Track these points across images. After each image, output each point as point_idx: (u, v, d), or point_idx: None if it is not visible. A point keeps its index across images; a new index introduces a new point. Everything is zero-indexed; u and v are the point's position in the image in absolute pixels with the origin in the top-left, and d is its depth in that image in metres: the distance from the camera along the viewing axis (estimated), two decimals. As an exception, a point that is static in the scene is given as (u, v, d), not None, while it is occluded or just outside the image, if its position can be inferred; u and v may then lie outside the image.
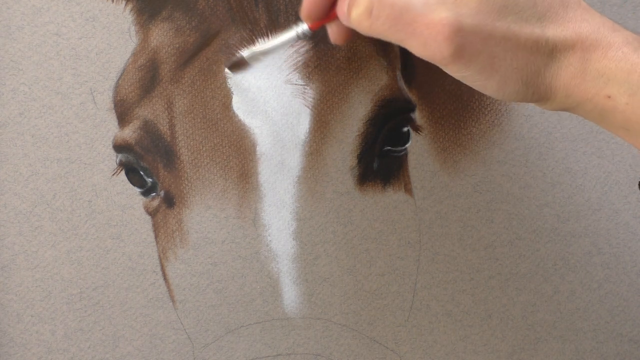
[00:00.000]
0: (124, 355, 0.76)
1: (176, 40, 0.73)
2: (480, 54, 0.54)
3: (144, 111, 0.74)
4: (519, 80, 0.55)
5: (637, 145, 0.55)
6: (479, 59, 0.54)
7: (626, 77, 0.53)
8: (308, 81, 0.73)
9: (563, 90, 0.55)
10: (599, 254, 0.79)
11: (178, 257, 0.75)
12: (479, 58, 0.54)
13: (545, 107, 0.57)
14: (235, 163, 0.74)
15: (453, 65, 0.54)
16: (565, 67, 0.54)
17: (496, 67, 0.54)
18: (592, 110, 0.55)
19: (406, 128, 0.76)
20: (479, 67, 0.54)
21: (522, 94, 0.55)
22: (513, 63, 0.54)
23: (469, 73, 0.54)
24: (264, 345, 0.76)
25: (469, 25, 0.53)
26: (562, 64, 0.55)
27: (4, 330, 0.75)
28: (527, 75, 0.55)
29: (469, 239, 0.78)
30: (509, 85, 0.55)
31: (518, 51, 0.54)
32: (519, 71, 0.54)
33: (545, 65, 0.54)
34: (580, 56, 0.54)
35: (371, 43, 0.74)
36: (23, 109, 0.74)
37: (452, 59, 0.54)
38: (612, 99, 0.54)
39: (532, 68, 0.54)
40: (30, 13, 0.73)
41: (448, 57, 0.54)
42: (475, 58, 0.54)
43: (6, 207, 0.74)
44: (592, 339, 0.79)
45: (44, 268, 0.75)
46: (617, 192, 0.79)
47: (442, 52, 0.53)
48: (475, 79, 0.55)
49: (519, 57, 0.54)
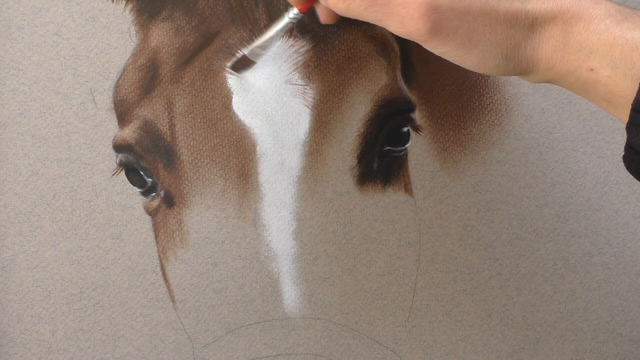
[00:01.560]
0: (124, 355, 0.76)
1: (176, 40, 0.73)
2: (458, 29, 0.54)
3: (144, 111, 0.74)
4: (499, 54, 0.55)
5: (619, 117, 0.56)
6: (457, 35, 0.54)
7: (608, 50, 0.53)
8: (308, 81, 0.73)
9: (545, 63, 0.55)
10: (599, 254, 0.79)
11: (178, 257, 0.75)
12: (457, 33, 0.54)
13: (528, 79, 0.57)
14: (235, 163, 0.74)
15: (431, 42, 0.54)
16: (547, 40, 0.54)
17: (475, 42, 0.54)
18: (575, 83, 0.55)
19: (406, 128, 0.76)
20: (458, 43, 0.54)
21: (503, 68, 0.55)
22: (492, 37, 0.54)
23: (448, 48, 0.54)
24: (264, 345, 0.76)
25: (445, 2, 0.53)
26: (543, 37, 0.54)
27: (4, 330, 0.75)
28: (507, 49, 0.55)
29: (469, 239, 0.78)
30: (489, 60, 0.55)
31: (497, 25, 0.54)
32: (498, 45, 0.54)
33: (525, 38, 0.54)
34: (562, 28, 0.54)
35: (371, 43, 0.74)
36: (23, 109, 0.74)
37: (429, 36, 0.54)
38: (594, 71, 0.54)
39: (512, 42, 0.54)
40: (30, 13, 0.73)
41: (425, 34, 0.54)
42: (453, 34, 0.54)
43: (6, 207, 0.74)
44: (592, 339, 0.79)
45: (44, 268, 0.75)
46: (617, 192, 0.79)
47: (419, 30, 0.54)
48: (455, 54, 0.55)
49: (498, 32, 0.54)
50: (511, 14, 0.54)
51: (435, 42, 0.54)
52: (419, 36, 0.54)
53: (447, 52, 0.55)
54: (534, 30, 0.54)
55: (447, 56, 0.55)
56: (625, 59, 0.52)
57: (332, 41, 0.74)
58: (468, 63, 0.55)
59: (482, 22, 0.54)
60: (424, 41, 0.55)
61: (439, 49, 0.55)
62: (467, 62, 0.55)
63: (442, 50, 0.55)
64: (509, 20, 0.54)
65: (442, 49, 0.55)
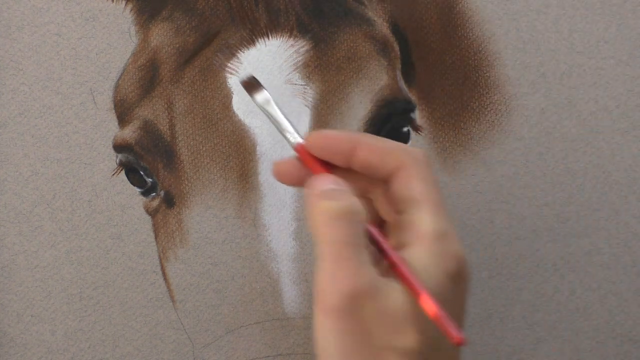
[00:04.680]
0: (124, 355, 0.76)
1: (176, 40, 0.73)
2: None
3: (144, 111, 0.74)
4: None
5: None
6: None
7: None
8: (308, 81, 0.73)
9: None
10: (599, 254, 0.79)
11: (178, 257, 0.75)
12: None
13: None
14: (235, 163, 0.74)
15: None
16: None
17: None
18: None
19: (406, 128, 0.76)
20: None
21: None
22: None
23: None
24: (264, 345, 0.76)
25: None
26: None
27: (4, 330, 0.75)
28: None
29: (469, 239, 0.78)
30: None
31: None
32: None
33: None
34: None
35: (371, 43, 0.74)
36: (23, 109, 0.74)
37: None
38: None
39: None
40: (30, 13, 0.73)
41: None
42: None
43: (6, 207, 0.74)
44: (592, 339, 0.79)
45: (44, 268, 0.75)
46: (617, 192, 0.79)
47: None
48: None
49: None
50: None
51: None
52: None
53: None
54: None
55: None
56: None
57: (332, 41, 0.74)
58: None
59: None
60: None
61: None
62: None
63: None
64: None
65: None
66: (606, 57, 0.78)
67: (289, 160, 0.60)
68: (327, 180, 0.55)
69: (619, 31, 0.78)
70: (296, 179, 0.59)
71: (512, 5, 0.77)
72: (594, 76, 0.78)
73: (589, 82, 0.78)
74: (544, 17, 0.77)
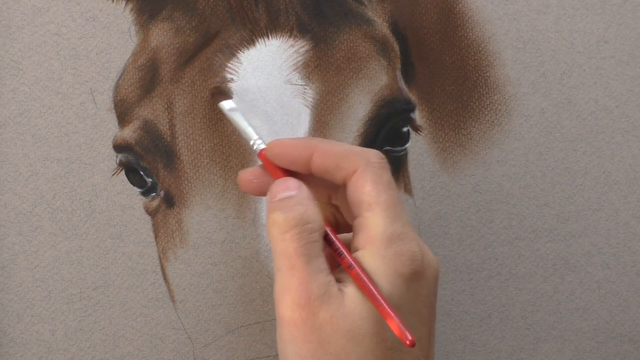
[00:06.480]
0: (124, 355, 0.76)
1: (176, 40, 0.73)
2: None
3: (144, 111, 0.74)
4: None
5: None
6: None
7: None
8: (308, 81, 0.73)
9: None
10: (599, 254, 0.79)
11: (178, 257, 0.75)
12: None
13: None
14: (235, 163, 0.74)
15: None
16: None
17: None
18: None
19: (406, 128, 0.76)
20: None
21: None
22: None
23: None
24: (264, 345, 0.76)
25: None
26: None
27: (4, 330, 0.75)
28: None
29: (469, 239, 0.78)
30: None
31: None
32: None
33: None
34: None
35: (371, 43, 0.74)
36: (23, 109, 0.74)
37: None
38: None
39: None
40: (30, 13, 0.73)
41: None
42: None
43: (6, 207, 0.74)
44: (592, 339, 0.79)
45: (44, 268, 0.75)
46: (617, 192, 0.79)
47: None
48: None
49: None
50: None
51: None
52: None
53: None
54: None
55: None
56: None
57: (332, 41, 0.74)
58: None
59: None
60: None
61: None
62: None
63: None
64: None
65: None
66: (606, 57, 0.78)
67: (254, 169, 0.61)
68: (284, 186, 0.56)
69: (619, 31, 0.78)
70: (259, 188, 0.60)
71: (512, 5, 0.77)
72: (594, 76, 0.78)
73: (589, 82, 0.78)
74: (544, 17, 0.77)
